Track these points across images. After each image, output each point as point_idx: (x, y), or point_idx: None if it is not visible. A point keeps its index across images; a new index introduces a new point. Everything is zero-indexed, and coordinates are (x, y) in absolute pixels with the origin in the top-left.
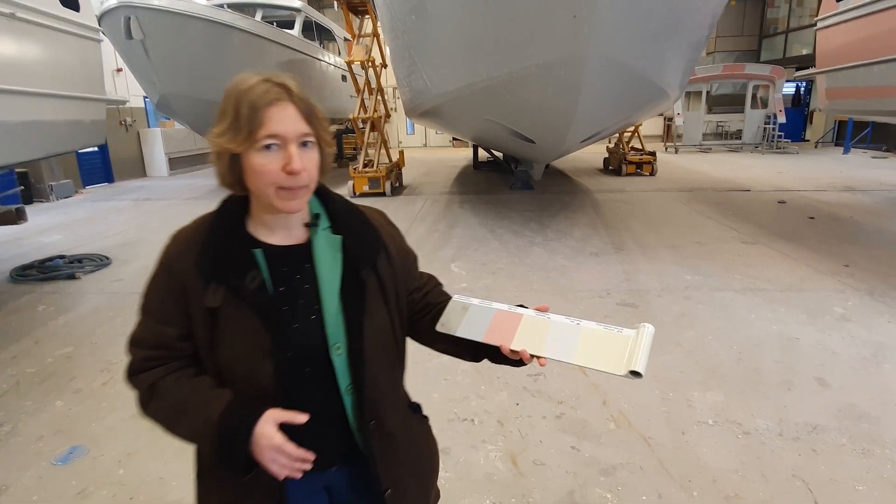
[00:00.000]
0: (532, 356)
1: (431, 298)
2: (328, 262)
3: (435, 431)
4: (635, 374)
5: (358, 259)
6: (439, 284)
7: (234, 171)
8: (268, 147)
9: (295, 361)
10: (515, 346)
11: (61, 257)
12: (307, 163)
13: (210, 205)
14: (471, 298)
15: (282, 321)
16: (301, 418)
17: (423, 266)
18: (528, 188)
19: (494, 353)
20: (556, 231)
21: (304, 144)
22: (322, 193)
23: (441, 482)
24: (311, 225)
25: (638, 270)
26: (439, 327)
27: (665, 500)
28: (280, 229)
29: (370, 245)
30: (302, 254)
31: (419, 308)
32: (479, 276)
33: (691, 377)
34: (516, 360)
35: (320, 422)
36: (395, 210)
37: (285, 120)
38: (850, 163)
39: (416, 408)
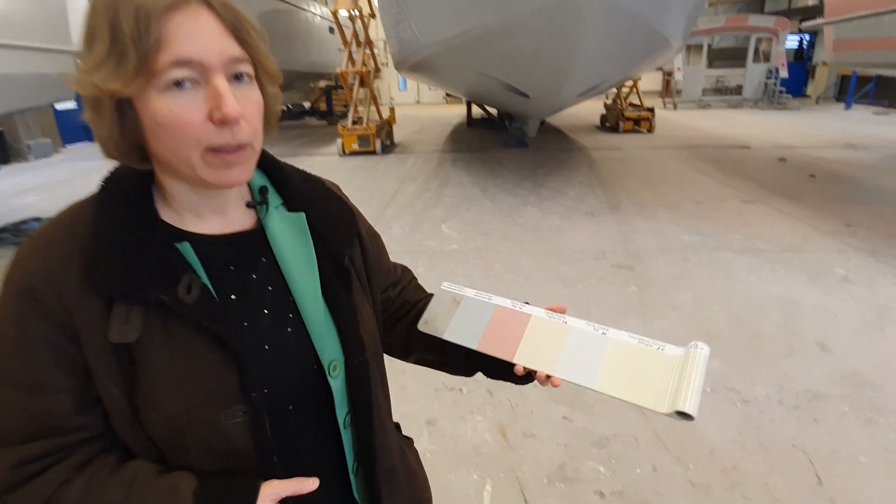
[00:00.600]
0: (547, 377)
1: (408, 296)
2: (295, 249)
3: (421, 401)
4: (684, 415)
5: (334, 241)
6: (415, 278)
7: (125, 130)
8: (178, 84)
9: (274, 400)
10: (521, 360)
11: (37, 220)
12: (247, 107)
13: None
14: (464, 289)
15: (247, 345)
16: (310, 485)
17: (414, 227)
18: (522, 146)
19: (492, 365)
20: (551, 190)
21: (237, 77)
22: (265, 161)
23: (426, 455)
24: (257, 203)
25: (634, 230)
26: (423, 326)
27: (660, 473)
28: (211, 214)
29: (345, 222)
30: (252, 245)
31: (395, 308)
32: (471, 237)
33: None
34: (521, 377)
35: (316, 472)
36: (385, 169)
37: (200, 35)
38: (852, 119)
39: (398, 427)
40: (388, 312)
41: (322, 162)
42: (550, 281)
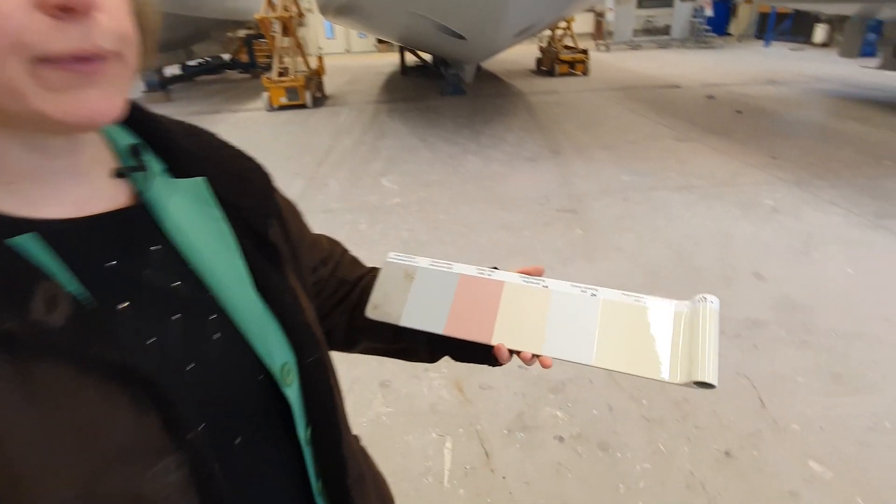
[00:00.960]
0: (533, 356)
1: (344, 273)
2: (200, 228)
3: (371, 363)
4: (703, 384)
5: (250, 210)
6: (346, 251)
7: None
8: None
9: (217, 435)
10: (502, 340)
11: None
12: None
13: None
14: (415, 258)
15: (162, 369)
16: None
17: (353, 182)
18: (459, 93)
19: (462, 347)
20: (491, 137)
21: None
22: (132, 112)
23: (381, 419)
24: (130, 170)
25: (575, 174)
26: (371, 312)
27: (615, 411)
28: (62, 186)
29: (258, 185)
30: (134, 227)
31: (331, 291)
32: (412, 189)
33: (635, 281)
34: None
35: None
36: (317, 123)
37: None
38: (772, 55)
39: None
40: (322, 296)
41: (248, 118)
42: (496, 229)
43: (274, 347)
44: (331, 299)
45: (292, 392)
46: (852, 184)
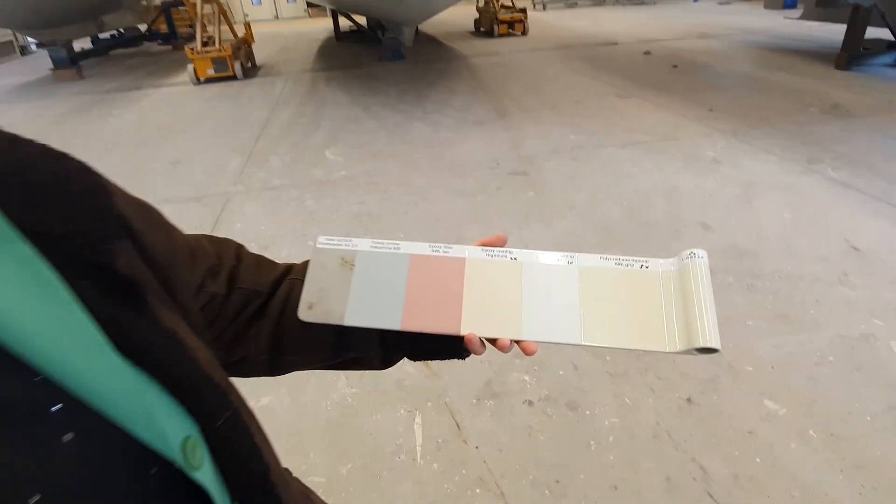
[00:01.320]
0: (512, 342)
1: (248, 281)
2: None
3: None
4: (705, 350)
5: (78, 234)
6: (242, 248)
7: None
8: None
9: None
10: (473, 328)
11: None
12: None
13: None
14: (352, 240)
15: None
16: None
17: (295, 157)
18: (398, 58)
19: (422, 343)
20: (435, 102)
21: None
22: None
23: (347, 400)
24: None
25: (524, 136)
26: (304, 314)
27: (581, 370)
28: None
29: (84, 195)
30: None
31: (235, 309)
32: (359, 160)
33: (589, 240)
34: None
35: None
36: (251, 95)
37: None
38: (701, 10)
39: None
40: (223, 319)
41: (174, 93)
42: (448, 196)
43: (164, 423)
44: (239, 319)
45: (205, 474)
46: (784, 131)
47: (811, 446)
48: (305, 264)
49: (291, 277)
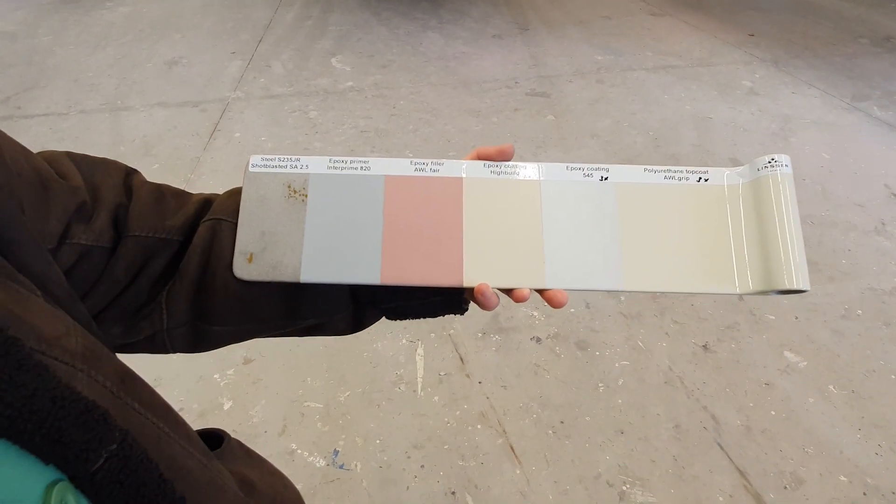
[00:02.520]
0: (531, 290)
1: (143, 223)
2: None
3: None
4: (788, 291)
5: None
6: (135, 172)
7: None
8: None
9: None
10: (481, 276)
11: None
12: None
13: None
14: (300, 159)
15: None
16: None
17: (299, 64)
18: None
19: (408, 298)
20: (452, 11)
21: None
22: None
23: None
24: None
25: (546, 53)
26: (242, 270)
27: (593, 309)
28: None
29: None
30: None
31: (129, 266)
32: (367, 72)
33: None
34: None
35: None
36: None
37: None
38: None
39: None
40: (108, 284)
41: None
42: (462, 115)
43: (10, 482)
44: (139, 281)
45: None
46: (830, 63)
47: (830, 402)
48: (232, 195)
49: (213, 218)
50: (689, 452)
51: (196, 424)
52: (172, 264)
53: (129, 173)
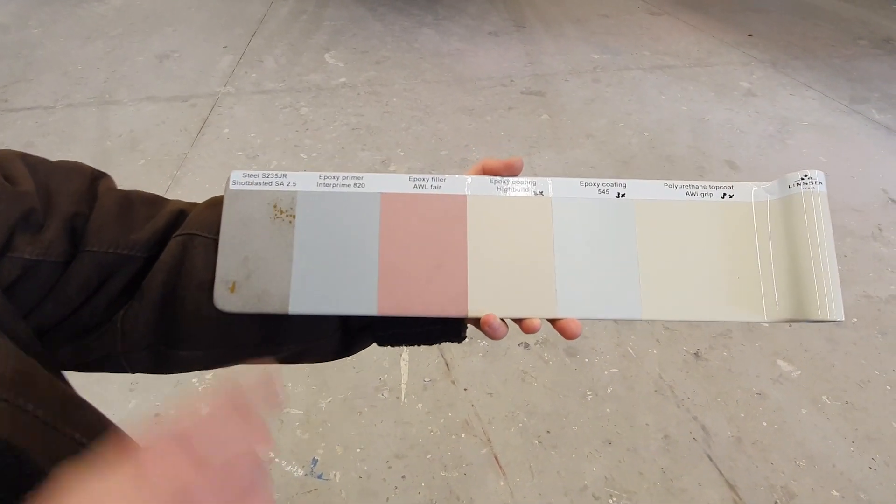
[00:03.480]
0: (543, 320)
1: (103, 236)
2: None
3: None
4: (821, 321)
5: None
6: (102, 177)
7: None
8: None
9: None
10: (487, 306)
11: None
12: None
13: None
14: (286, 175)
15: None
16: None
17: (292, 59)
18: None
19: (401, 326)
20: (448, 7)
21: None
22: None
23: None
24: None
25: (542, 51)
26: (224, 301)
27: None
28: None
29: None
30: None
31: (85, 286)
32: (361, 68)
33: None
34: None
35: None
36: None
37: None
38: None
39: None
40: (58, 302)
41: None
42: (455, 113)
43: None
44: (96, 301)
45: None
46: (829, 65)
47: (823, 413)
48: (211, 207)
49: (186, 232)
50: (678, 464)
51: None
52: (135, 282)
53: (96, 178)
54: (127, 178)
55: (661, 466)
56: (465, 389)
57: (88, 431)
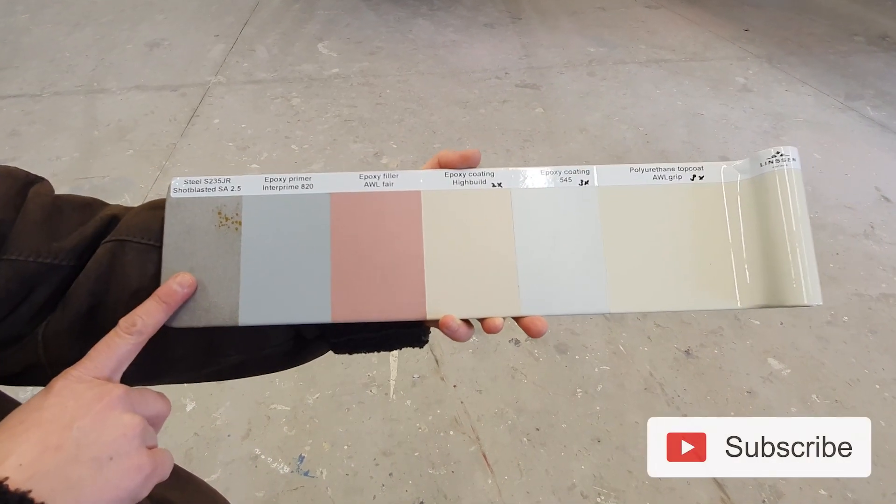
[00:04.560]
0: (505, 318)
1: (25, 243)
2: None
3: None
4: (799, 305)
5: None
6: (38, 182)
7: None
8: None
9: None
10: (446, 307)
11: None
12: None
13: None
14: (228, 179)
15: None
16: None
17: (284, 48)
18: None
19: (357, 331)
20: None
21: None
22: None
23: None
24: None
25: (538, 43)
26: (174, 320)
27: None
28: None
29: None
30: None
31: (6, 297)
32: (354, 57)
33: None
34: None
35: None
36: None
37: None
38: None
39: None
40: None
41: None
42: (449, 106)
43: None
44: (18, 313)
45: None
46: (824, 60)
47: (813, 412)
48: (146, 210)
49: (116, 238)
50: None
51: None
52: (60, 292)
53: (30, 184)
54: (115, 168)
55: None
56: (454, 386)
57: None
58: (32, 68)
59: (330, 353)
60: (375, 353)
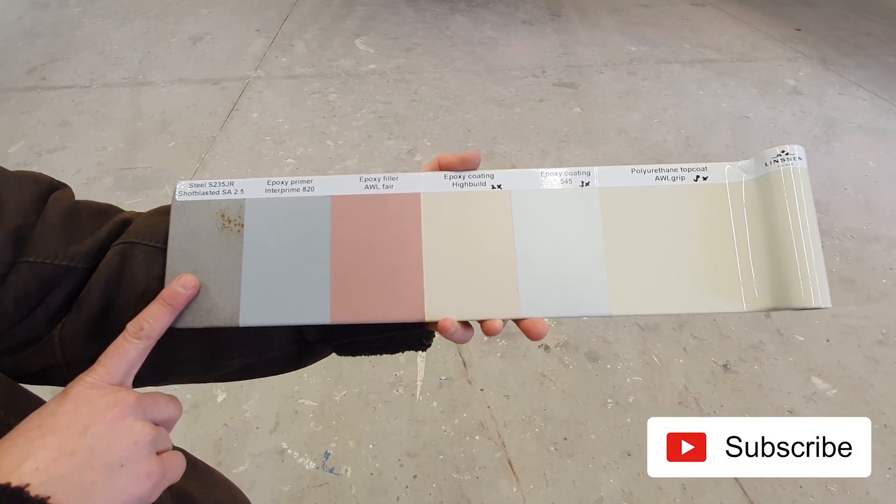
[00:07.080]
0: (505, 321)
1: (43, 246)
2: None
3: None
4: (806, 308)
5: None
6: (60, 187)
7: None
8: None
9: None
10: (444, 310)
11: None
12: None
13: None
14: (232, 182)
15: None
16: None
17: (322, 44)
18: None
19: (358, 333)
20: None
21: None
22: None
23: None
24: None
25: (577, 41)
26: (177, 321)
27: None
28: None
29: None
30: None
31: (23, 299)
32: (391, 55)
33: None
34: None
35: None
36: None
37: None
38: None
39: None
40: None
41: None
42: (485, 104)
43: None
44: (34, 315)
45: None
46: (881, 63)
47: None
48: (155, 215)
49: (125, 241)
50: (701, 482)
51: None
52: (75, 294)
53: (52, 189)
54: (157, 158)
55: (682, 483)
56: (481, 390)
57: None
58: (83, 60)
59: (297, 363)
60: (379, 355)
